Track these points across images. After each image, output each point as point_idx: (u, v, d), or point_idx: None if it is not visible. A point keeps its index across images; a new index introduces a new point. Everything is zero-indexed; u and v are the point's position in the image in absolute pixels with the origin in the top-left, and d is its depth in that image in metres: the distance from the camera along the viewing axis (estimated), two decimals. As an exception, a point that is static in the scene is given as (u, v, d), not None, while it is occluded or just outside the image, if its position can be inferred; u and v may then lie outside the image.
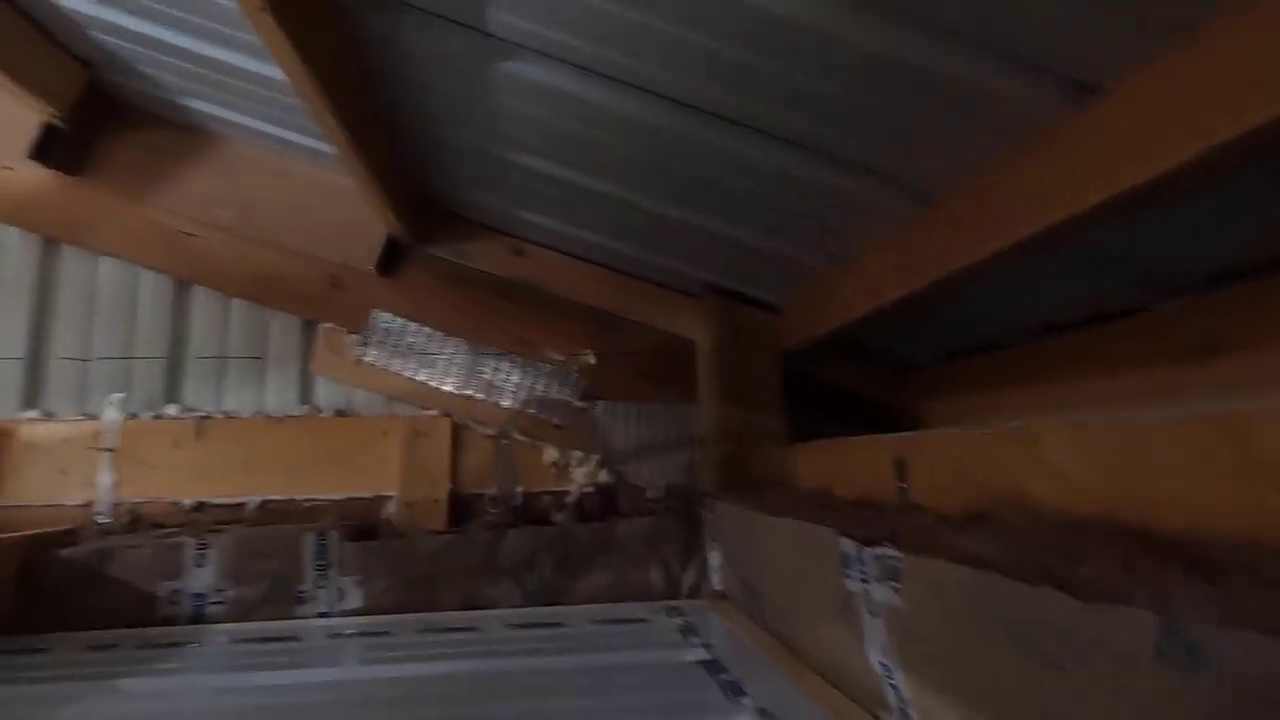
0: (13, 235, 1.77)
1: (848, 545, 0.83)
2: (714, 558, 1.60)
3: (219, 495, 1.67)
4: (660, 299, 1.89)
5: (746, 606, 1.32)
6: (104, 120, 1.79)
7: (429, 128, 1.41)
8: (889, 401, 1.87)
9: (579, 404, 1.82)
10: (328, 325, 1.80)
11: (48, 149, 1.71)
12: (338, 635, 1.34)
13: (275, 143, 1.75)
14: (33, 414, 1.69)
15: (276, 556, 1.47)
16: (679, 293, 1.88)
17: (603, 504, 1.76)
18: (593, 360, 1.86)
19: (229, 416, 1.74)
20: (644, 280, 1.88)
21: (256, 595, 1.45)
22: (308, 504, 1.69)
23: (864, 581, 0.79)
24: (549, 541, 1.57)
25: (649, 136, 1.17)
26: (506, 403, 1.80)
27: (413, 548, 1.52)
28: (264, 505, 1.68)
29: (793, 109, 1.00)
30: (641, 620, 1.43)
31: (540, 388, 1.82)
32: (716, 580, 1.59)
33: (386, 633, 1.35)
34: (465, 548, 1.53)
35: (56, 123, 1.70)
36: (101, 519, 1.62)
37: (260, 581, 1.46)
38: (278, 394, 1.79)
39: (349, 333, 1.80)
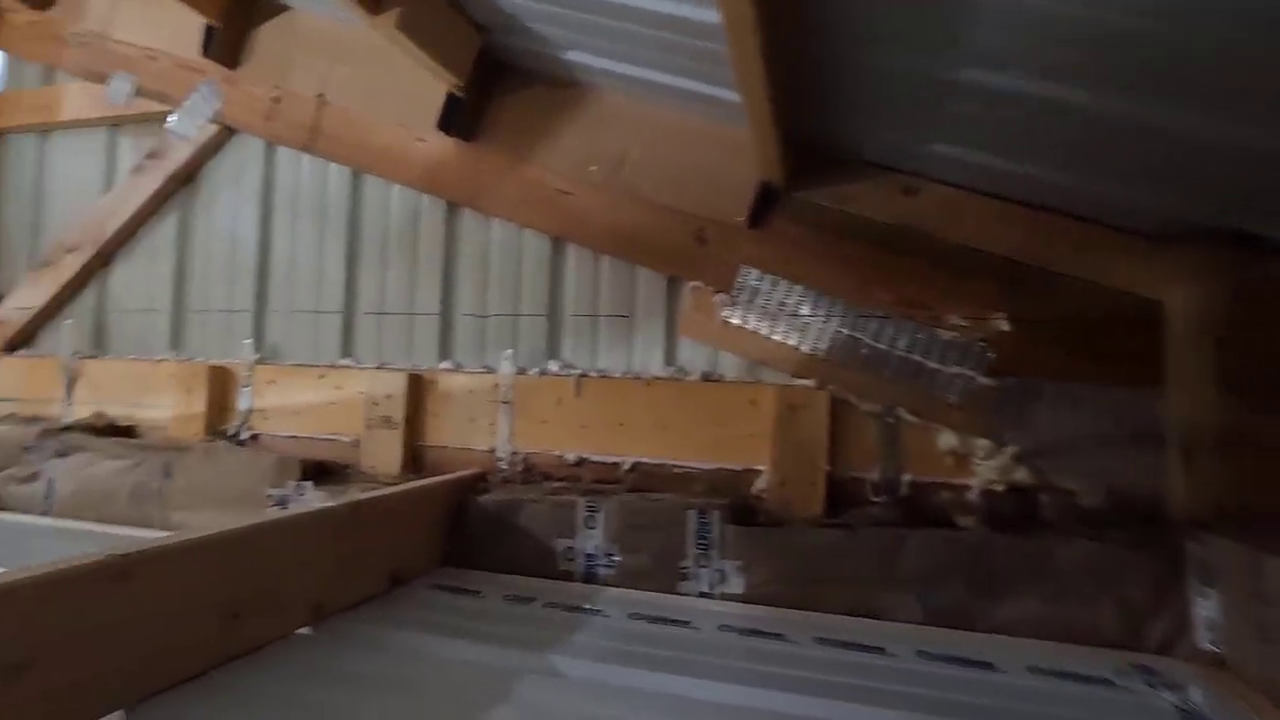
0: (425, 202, 1.97)
1: None
2: (1205, 608, 1.18)
3: (596, 453, 1.71)
4: (1106, 245, 1.43)
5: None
6: (493, 85, 1.86)
7: (840, 49, 1.15)
8: None
9: (985, 381, 1.48)
10: (694, 284, 1.69)
11: (450, 118, 1.83)
12: (728, 628, 1.25)
13: (648, 89, 1.65)
14: (447, 365, 1.90)
15: (660, 530, 1.43)
16: (1137, 236, 1.39)
17: (1019, 508, 1.42)
18: (1005, 326, 1.49)
19: (602, 375, 1.76)
20: (1081, 220, 1.43)
21: (642, 565, 1.44)
22: (677, 470, 1.65)
23: None
24: (960, 554, 1.30)
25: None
26: (892, 376, 1.53)
27: (799, 541, 1.37)
28: (636, 467, 1.67)
29: None
30: (1104, 680, 1.09)
31: (935, 359, 1.51)
32: (1207, 638, 1.17)
33: (779, 635, 1.23)
34: (859, 549, 1.33)
35: (457, 92, 1.80)
36: (502, 466, 1.76)
37: (645, 552, 1.44)
38: (644, 353, 1.76)
39: (715, 291, 1.67)
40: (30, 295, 2.33)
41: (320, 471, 1.75)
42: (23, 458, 1.91)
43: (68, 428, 2.05)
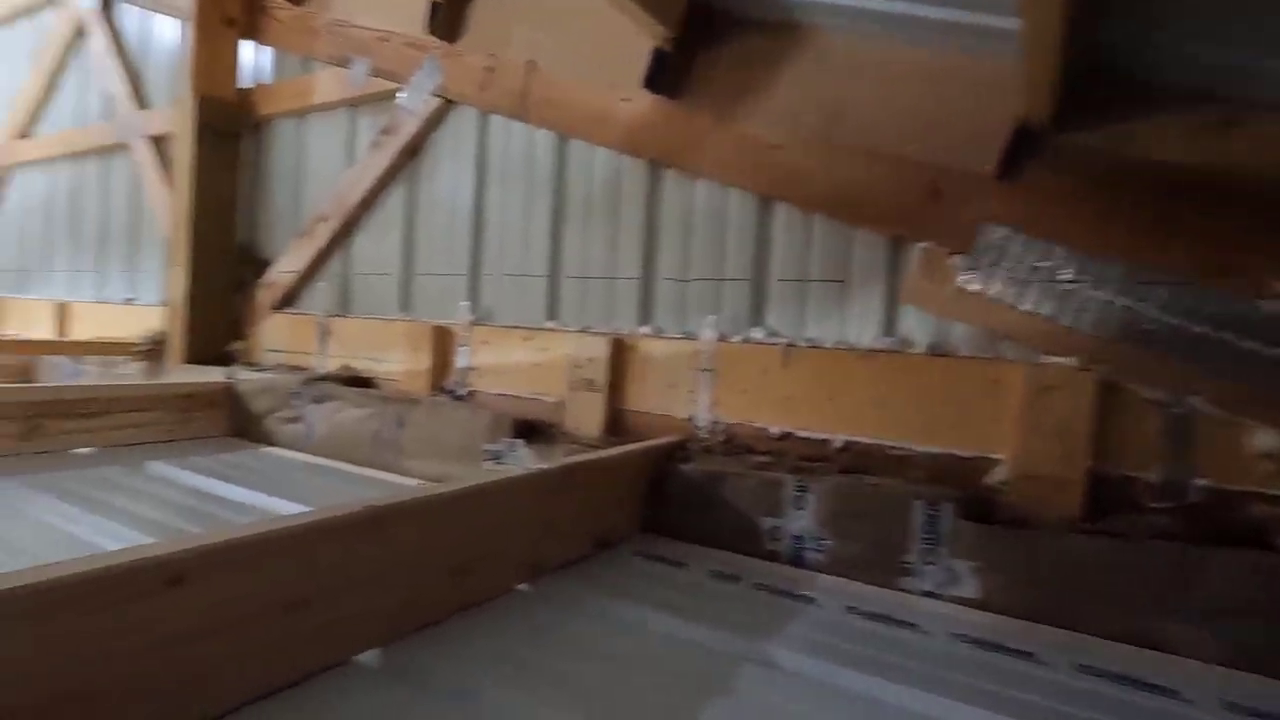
0: (627, 164, 1.94)
1: None
2: None
3: (803, 428, 1.60)
4: None
5: None
6: (700, 38, 1.77)
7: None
8: None
9: (1328, 367, 1.15)
10: (923, 245, 1.50)
11: (657, 75, 1.76)
12: (963, 638, 1.11)
13: (879, 22, 1.46)
14: (647, 330, 1.88)
15: (879, 518, 1.30)
16: None
17: (1373, 534, 1.09)
18: (1366, 297, 1.14)
19: (811, 345, 1.63)
20: None
21: (857, 554, 1.32)
22: (894, 452, 1.49)
23: None
24: (1287, 585, 1.03)
25: None
26: (1186, 356, 1.24)
27: (1055, 546, 1.17)
28: (847, 446, 1.54)
29: None
30: None
31: (1253, 338, 1.20)
32: None
33: (1028, 654, 1.06)
34: (1139, 564, 1.11)
35: (664, 47, 1.73)
36: (701, 434, 1.72)
37: (859, 540, 1.32)
38: (859, 323, 1.61)
39: (950, 254, 1.47)
40: (293, 261, 2.68)
41: (528, 430, 1.82)
42: (289, 402, 2.21)
43: (322, 378, 2.34)
